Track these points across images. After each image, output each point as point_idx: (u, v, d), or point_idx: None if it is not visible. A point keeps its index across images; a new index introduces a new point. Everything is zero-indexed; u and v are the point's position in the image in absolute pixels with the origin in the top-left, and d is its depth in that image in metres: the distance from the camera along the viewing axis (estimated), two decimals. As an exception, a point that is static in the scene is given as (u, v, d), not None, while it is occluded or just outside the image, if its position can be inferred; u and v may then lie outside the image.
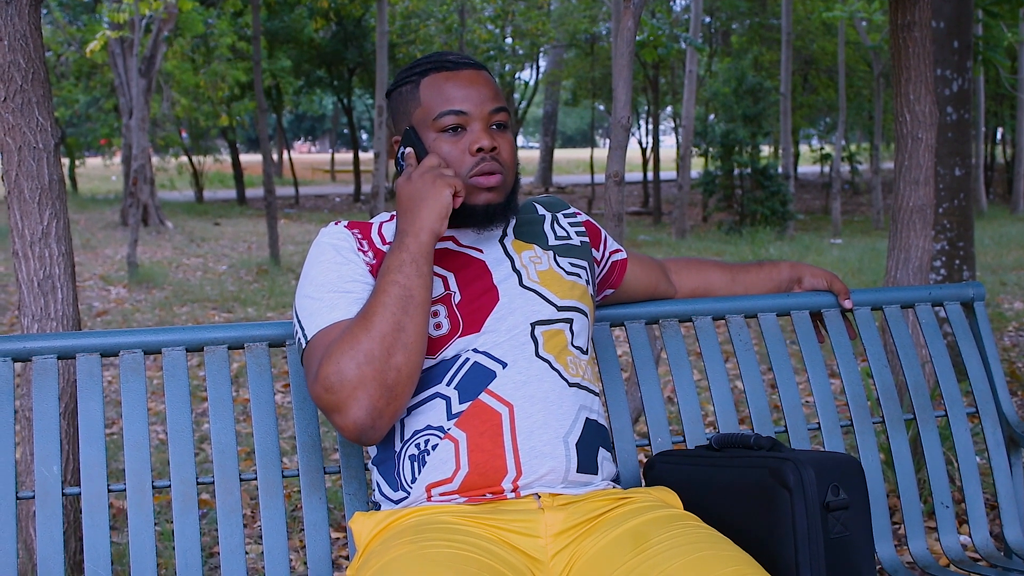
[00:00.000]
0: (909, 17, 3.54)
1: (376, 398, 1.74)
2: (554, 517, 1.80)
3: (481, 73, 1.98)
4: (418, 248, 1.81)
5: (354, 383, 1.74)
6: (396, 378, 1.76)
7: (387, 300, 1.78)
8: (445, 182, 1.84)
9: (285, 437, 4.89)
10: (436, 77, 1.95)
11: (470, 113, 1.92)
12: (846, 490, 1.83)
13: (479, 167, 1.92)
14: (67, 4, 22.67)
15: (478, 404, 1.86)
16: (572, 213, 2.21)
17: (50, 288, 2.54)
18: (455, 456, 1.83)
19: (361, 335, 1.76)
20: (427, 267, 1.81)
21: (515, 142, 2.04)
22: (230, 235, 17.20)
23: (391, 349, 1.75)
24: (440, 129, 1.92)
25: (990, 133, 28.49)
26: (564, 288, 2.01)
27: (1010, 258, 12.41)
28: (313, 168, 41.54)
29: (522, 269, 2.00)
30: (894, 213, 3.70)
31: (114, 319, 8.80)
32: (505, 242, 2.04)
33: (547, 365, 1.92)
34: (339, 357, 1.75)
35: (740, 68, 19.81)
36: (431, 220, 1.83)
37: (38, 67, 2.51)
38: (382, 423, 1.77)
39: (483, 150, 1.91)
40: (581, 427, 1.90)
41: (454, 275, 1.95)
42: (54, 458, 2.01)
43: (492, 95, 1.95)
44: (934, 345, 2.51)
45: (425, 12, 22.82)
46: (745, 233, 16.99)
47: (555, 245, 2.10)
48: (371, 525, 1.84)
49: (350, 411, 1.75)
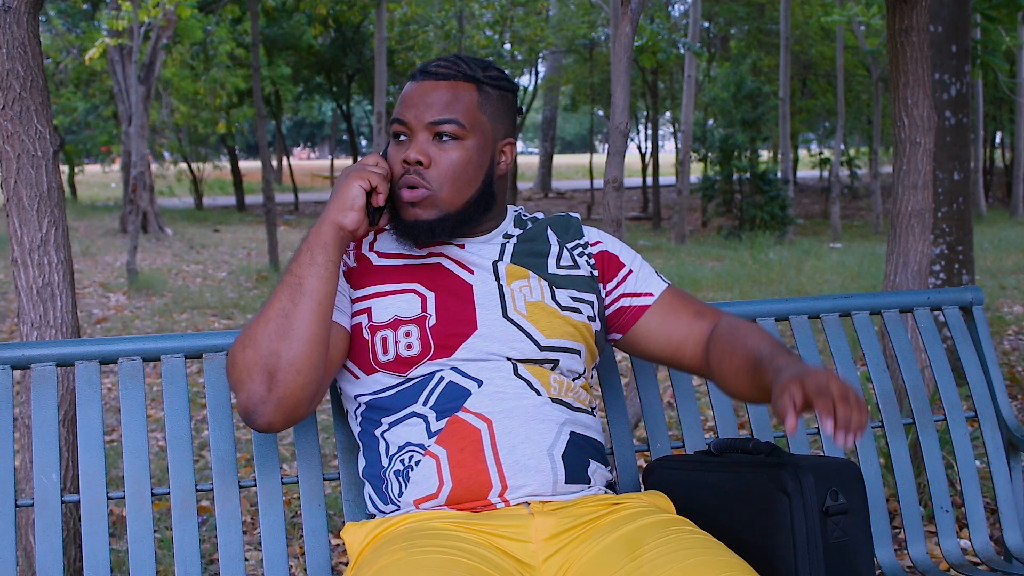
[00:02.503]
0: (907, 22, 3.54)
1: (257, 383, 1.77)
2: (544, 521, 1.79)
3: (442, 83, 1.91)
4: (316, 237, 1.83)
5: (240, 366, 1.79)
6: (276, 364, 1.76)
7: (279, 289, 1.81)
8: (358, 175, 1.85)
9: (284, 444, 4.89)
10: (409, 83, 1.95)
11: (409, 123, 1.90)
12: (845, 495, 1.83)
13: (403, 178, 1.89)
14: (66, 11, 22.70)
15: (456, 421, 1.84)
16: (587, 242, 2.08)
17: (49, 296, 2.54)
18: (437, 472, 1.82)
19: (254, 320, 1.81)
20: (323, 256, 1.81)
21: (470, 160, 1.91)
22: (229, 242, 17.20)
23: (274, 335, 1.77)
24: (392, 134, 1.93)
25: (989, 137, 28.49)
26: (554, 324, 1.93)
27: (1009, 262, 12.41)
28: (312, 174, 41.49)
29: (508, 298, 1.94)
30: (893, 217, 3.71)
31: (114, 326, 8.80)
32: (499, 266, 1.97)
33: (525, 384, 1.89)
34: (237, 340, 1.81)
35: (739, 73, 19.81)
36: (334, 211, 1.83)
37: (36, 75, 2.51)
38: (266, 408, 1.78)
39: (407, 162, 1.89)
40: (566, 440, 1.87)
41: (435, 296, 1.91)
42: (53, 466, 2.01)
43: (442, 105, 1.89)
44: (933, 349, 2.51)
45: (424, 18, 22.82)
46: (745, 238, 16.98)
47: (555, 274, 2.00)
48: (362, 535, 1.85)
49: (238, 396, 1.80)
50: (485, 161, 1.94)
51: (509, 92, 1.99)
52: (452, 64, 1.94)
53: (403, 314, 1.89)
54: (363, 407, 1.93)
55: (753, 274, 11.81)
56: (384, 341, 1.88)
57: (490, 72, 1.95)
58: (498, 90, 1.96)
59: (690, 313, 2.03)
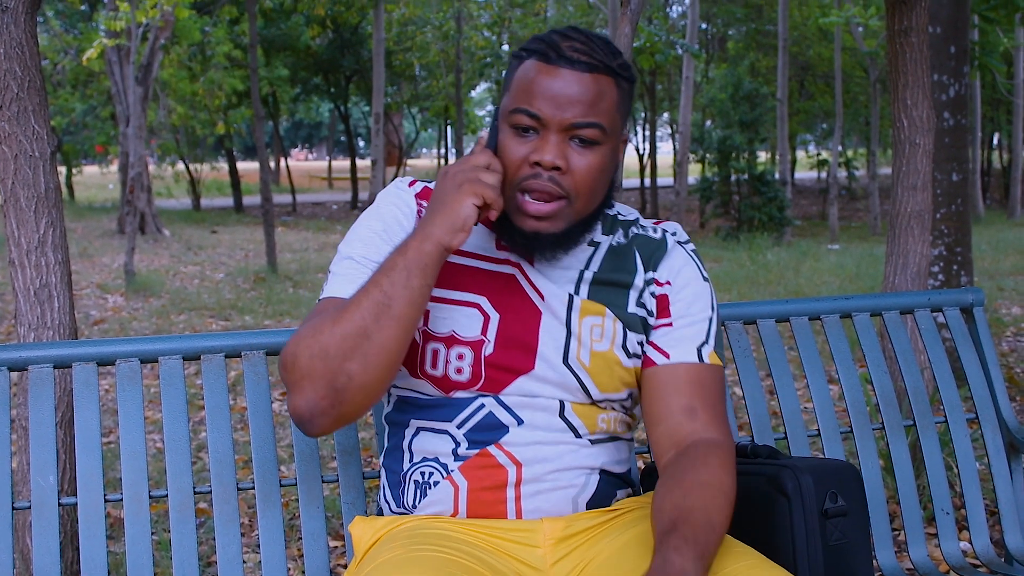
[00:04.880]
0: (906, 22, 3.54)
1: (320, 396, 1.62)
2: (553, 526, 1.76)
3: (586, 76, 1.66)
4: (416, 256, 1.61)
5: (302, 372, 1.62)
6: (346, 384, 1.61)
7: (363, 301, 1.62)
8: (472, 190, 1.62)
9: (283, 445, 4.88)
10: (535, 65, 1.68)
11: (544, 118, 1.65)
12: (844, 497, 1.83)
13: (528, 182, 1.66)
14: (64, 12, 22.69)
15: (485, 455, 1.74)
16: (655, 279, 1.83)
17: (46, 297, 2.53)
18: (454, 500, 1.76)
19: (326, 328, 1.62)
20: (420, 279, 1.61)
21: (607, 167, 1.71)
22: (227, 243, 17.19)
23: (348, 353, 1.60)
24: (512, 125, 1.68)
25: (986, 138, 28.52)
26: (614, 378, 1.78)
27: (1007, 263, 12.42)
28: (310, 175, 41.54)
29: (575, 343, 1.76)
30: (892, 219, 3.70)
31: (111, 327, 8.79)
32: (575, 300, 1.77)
33: (568, 427, 1.77)
34: (300, 340, 1.64)
35: (737, 74, 19.84)
36: (441, 230, 1.62)
37: (34, 75, 2.50)
38: (324, 421, 1.65)
39: (540, 165, 1.66)
40: (595, 487, 1.79)
41: (499, 319, 1.75)
42: (50, 468, 2.00)
43: (585, 103, 1.65)
44: (933, 351, 2.50)
45: (422, 19, 22.84)
46: (742, 239, 16.99)
47: (632, 315, 1.80)
48: (371, 532, 1.81)
49: (294, 398, 1.65)
50: (614, 165, 1.75)
51: (633, 83, 1.76)
52: (591, 50, 1.68)
53: (461, 332, 1.75)
54: (396, 397, 1.84)
55: (751, 275, 11.81)
56: (435, 355, 1.75)
57: (619, 60, 1.72)
58: (628, 83, 1.74)
59: (681, 407, 1.75)
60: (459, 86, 23.04)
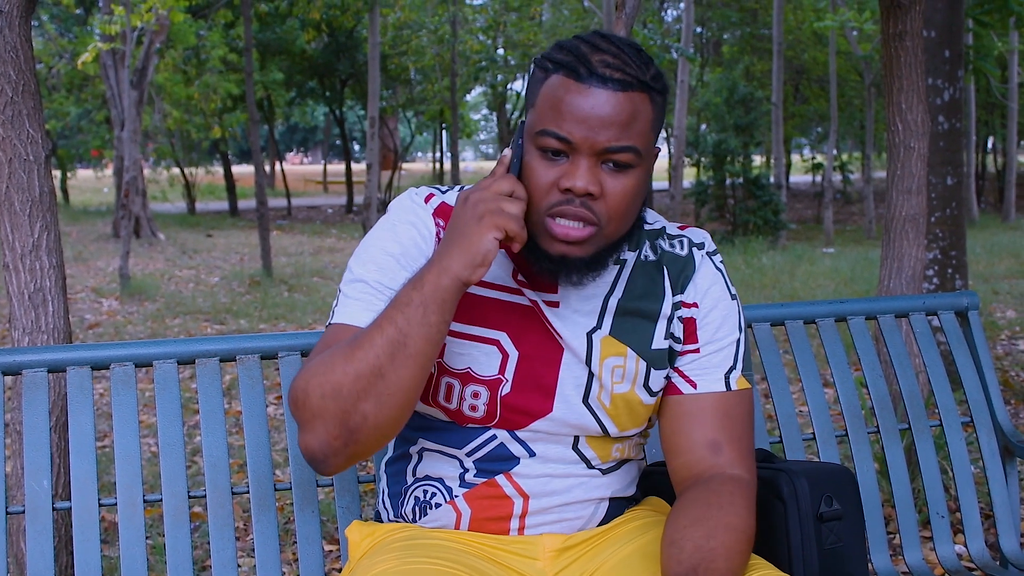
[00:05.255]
0: (901, 26, 3.55)
1: (333, 436, 1.54)
2: (553, 539, 1.73)
3: (620, 96, 1.54)
4: (433, 291, 1.51)
5: (314, 411, 1.54)
6: (360, 424, 1.52)
7: (377, 339, 1.52)
8: (493, 223, 1.50)
9: (278, 449, 4.88)
10: (564, 81, 1.56)
11: (575, 142, 1.54)
12: (839, 500, 1.83)
13: (558, 208, 1.56)
14: (58, 16, 22.67)
15: (492, 485, 1.70)
16: (682, 302, 1.74)
17: (41, 301, 2.53)
18: (455, 524, 1.73)
19: (338, 365, 1.52)
20: (437, 316, 1.51)
21: (641, 189, 1.61)
22: (222, 247, 17.18)
23: (363, 393, 1.51)
24: (539, 147, 1.57)
25: (981, 142, 28.57)
26: (634, 418, 1.73)
27: (1002, 267, 12.44)
28: (305, 179, 41.53)
29: (596, 384, 1.69)
30: (887, 222, 3.71)
31: (106, 331, 8.78)
32: (595, 337, 1.69)
33: (580, 458, 1.73)
34: (311, 377, 1.55)
35: (732, 78, 19.85)
36: (460, 264, 1.50)
37: (28, 79, 2.50)
38: (337, 461, 1.57)
39: (572, 191, 1.55)
40: (603, 513, 1.77)
41: (517, 358, 1.67)
42: (44, 472, 2.00)
43: (619, 125, 1.54)
44: (928, 354, 2.51)
45: (417, 23, 22.86)
46: (738, 243, 17.00)
47: (658, 351, 1.72)
48: (367, 538, 1.78)
49: (305, 436, 1.57)
50: (648, 186, 1.65)
51: (666, 93, 1.65)
52: (623, 63, 1.56)
53: (478, 370, 1.67)
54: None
55: (746, 279, 11.82)
56: (450, 389, 1.69)
57: (653, 71, 1.60)
58: (662, 95, 1.62)
59: (706, 441, 1.69)
60: (454, 90, 23.06)
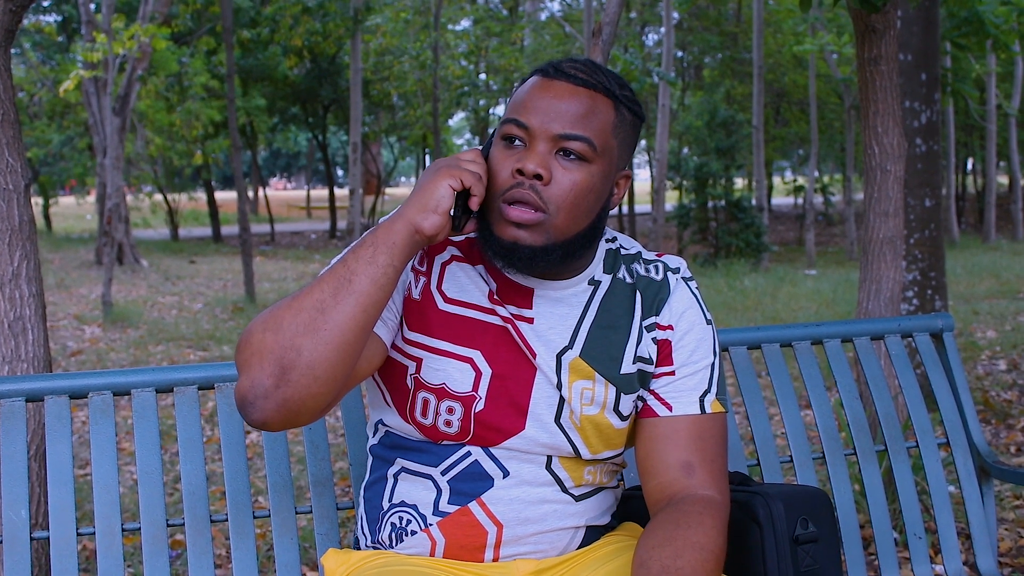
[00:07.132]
0: (876, 51, 3.58)
1: (266, 374, 1.51)
2: (527, 564, 1.74)
3: (581, 91, 1.64)
4: (385, 235, 1.57)
5: (253, 349, 1.53)
6: (293, 361, 1.50)
7: (326, 275, 1.57)
8: (449, 172, 1.59)
9: (258, 476, 4.86)
10: (536, 79, 1.68)
11: (531, 128, 1.62)
12: (815, 523, 1.84)
13: (511, 192, 1.62)
14: (40, 44, 22.66)
15: (466, 513, 1.71)
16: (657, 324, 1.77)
17: (20, 329, 2.53)
18: (431, 552, 1.73)
19: (285, 303, 1.56)
20: (385, 258, 1.56)
21: (594, 187, 1.66)
22: (205, 273, 17.14)
23: (302, 327, 1.51)
24: (502, 136, 1.66)
25: (960, 163, 28.75)
26: (606, 441, 1.76)
27: (982, 287, 12.51)
28: (289, 205, 41.50)
29: (566, 405, 1.72)
30: (865, 245, 3.74)
31: (88, 359, 8.75)
32: (564, 358, 1.72)
33: (554, 480, 1.74)
34: (258, 318, 1.56)
35: (712, 102, 19.96)
36: (413, 210, 1.57)
37: (8, 108, 2.51)
38: (267, 405, 1.52)
39: (522, 173, 1.61)
40: (579, 541, 1.78)
41: (491, 376, 1.70)
42: (22, 502, 1.99)
43: (575, 116, 1.62)
44: (904, 376, 2.52)
45: (399, 49, 22.89)
46: (720, 265, 17.05)
47: (626, 376, 1.75)
48: (343, 566, 1.79)
49: (240, 380, 1.55)
50: (605, 192, 1.69)
51: (640, 119, 1.73)
52: (591, 71, 1.67)
53: (452, 386, 1.70)
54: (384, 432, 1.80)
55: (728, 301, 11.85)
56: (425, 404, 1.71)
57: (626, 92, 1.70)
58: (632, 115, 1.71)
59: (679, 462, 1.72)
60: (436, 115, 23.09)
